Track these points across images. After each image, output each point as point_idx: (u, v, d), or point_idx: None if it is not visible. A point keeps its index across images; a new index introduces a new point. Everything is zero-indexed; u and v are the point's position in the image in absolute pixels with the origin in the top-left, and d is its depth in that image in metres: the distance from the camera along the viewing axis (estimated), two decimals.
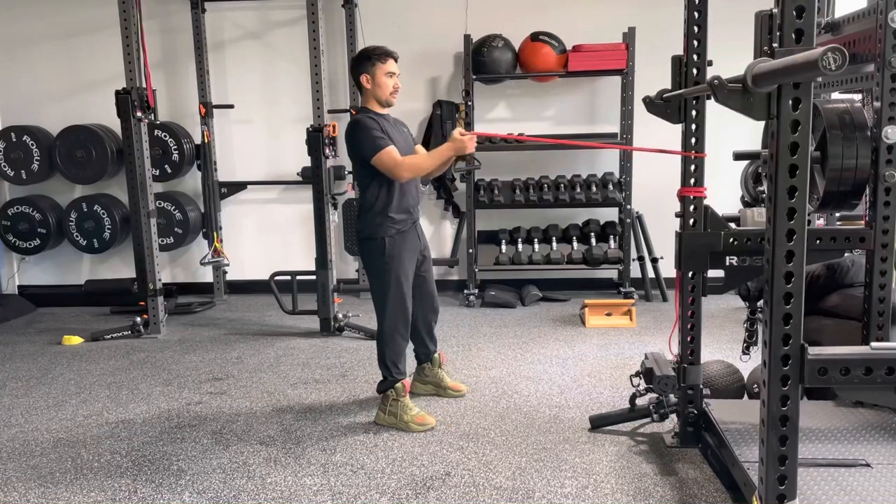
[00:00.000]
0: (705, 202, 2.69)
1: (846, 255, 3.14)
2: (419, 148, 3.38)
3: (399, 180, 3.12)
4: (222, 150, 5.91)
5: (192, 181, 5.93)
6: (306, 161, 4.70)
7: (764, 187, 2.60)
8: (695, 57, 2.63)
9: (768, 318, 1.80)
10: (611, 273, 5.88)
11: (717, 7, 2.81)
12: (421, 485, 2.63)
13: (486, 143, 5.45)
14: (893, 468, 2.28)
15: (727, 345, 4.25)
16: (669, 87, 2.72)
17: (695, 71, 2.64)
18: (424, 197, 5.84)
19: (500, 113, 5.81)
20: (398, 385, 3.18)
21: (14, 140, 5.55)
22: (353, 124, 3.17)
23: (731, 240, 2.63)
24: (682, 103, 2.67)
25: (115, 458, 2.93)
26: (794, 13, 1.67)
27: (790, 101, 1.70)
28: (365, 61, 3.21)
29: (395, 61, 3.25)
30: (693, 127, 2.69)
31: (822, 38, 2.69)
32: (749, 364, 3.13)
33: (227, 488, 2.65)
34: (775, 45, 1.70)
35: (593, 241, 5.52)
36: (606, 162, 5.70)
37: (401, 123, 3.37)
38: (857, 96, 3.26)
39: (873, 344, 1.96)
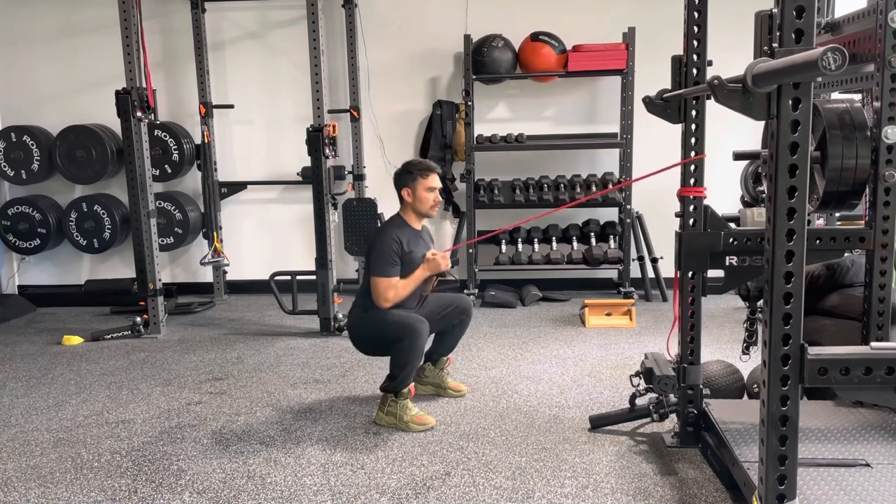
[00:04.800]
0: (705, 202, 2.69)
1: (846, 255, 3.14)
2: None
3: (378, 306, 3.19)
4: (222, 150, 5.92)
5: (192, 181, 5.93)
6: (306, 161, 4.70)
7: (764, 187, 2.60)
8: (695, 57, 2.63)
9: (768, 318, 1.80)
10: (611, 273, 5.88)
11: (717, 7, 2.81)
12: (421, 485, 2.63)
13: (486, 143, 5.45)
14: (893, 468, 2.28)
15: (727, 345, 4.25)
16: (669, 87, 2.72)
17: (695, 71, 2.64)
18: None
19: (500, 113, 5.81)
20: (404, 390, 3.18)
21: (14, 140, 5.55)
22: (381, 231, 3.31)
23: (731, 240, 2.63)
24: (682, 103, 2.67)
25: (115, 458, 2.93)
26: (794, 13, 1.67)
27: (790, 101, 1.70)
28: (406, 175, 3.29)
29: (439, 176, 3.33)
30: (693, 127, 2.69)
31: (822, 38, 2.68)
32: (749, 364, 3.13)
33: (227, 488, 2.65)
34: (775, 45, 1.70)
35: (593, 241, 5.52)
36: (606, 162, 5.70)
37: (427, 233, 3.46)
38: (857, 96, 3.26)
39: (873, 344, 1.96)
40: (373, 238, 3.32)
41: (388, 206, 5.30)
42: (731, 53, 2.89)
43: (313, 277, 4.75)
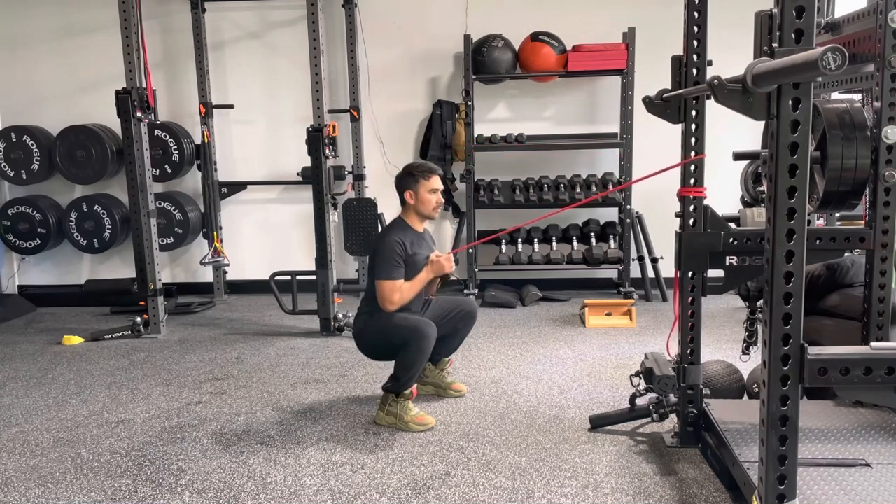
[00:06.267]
0: (705, 202, 2.69)
1: (846, 255, 3.14)
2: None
3: (383, 309, 3.19)
4: (222, 150, 5.92)
5: (192, 181, 5.93)
6: (306, 161, 4.71)
7: (764, 187, 2.60)
8: (695, 57, 2.63)
9: (768, 318, 1.80)
10: (611, 273, 5.88)
11: (717, 7, 2.81)
12: (421, 485, 2.63)
13: (486, 143, 5.46)
14: (893, 468, 2.28)
15: (727, 345, 4.25)
16: (669, 87, 2.72)
17: (695, 71, 2.64)
18: None
19: (500, 113, 5.81)
20: (406, 391, 3.17)
21: (14, 140, 5.55)
22: (383, 235, 3.31)
23: (731, 240, 2.63)
24: (682, 103, 2.67)
25: (115, 458, 2.93)
26: (794, 13, 1.67)
27: (790, 101, 1.70)
28: (409, 178, 3.29)
29: (441, 178, 3.34)
30: (693, 127, 2.69)
31: (822, 38, 2.69)
32: (749, 364, 3.13)
33: (227, 488, 2.65)
34: (775, 45, 1.70)
35: (593, 241, 5.52)
36: (606, 162, 5.70)
37: (429, 235, 3.45)
38: (857, 96, 3.26)
39: (873, 344, 1.96)
40: (376, 242, 3.33)
41: (387, 205, 5.30)
42: (731, 53, 2.89)
43: (313, 277, 4.75)
